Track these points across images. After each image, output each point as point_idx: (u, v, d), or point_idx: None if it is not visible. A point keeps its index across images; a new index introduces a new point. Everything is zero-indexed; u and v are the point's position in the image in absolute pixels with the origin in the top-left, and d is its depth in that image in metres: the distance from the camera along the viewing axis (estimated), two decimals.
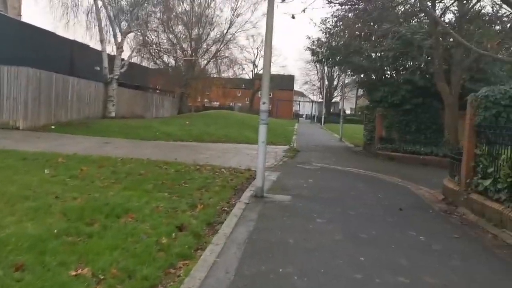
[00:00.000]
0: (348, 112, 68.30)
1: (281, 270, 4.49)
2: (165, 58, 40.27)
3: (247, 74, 66.14)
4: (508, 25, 15.91)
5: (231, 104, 66.59)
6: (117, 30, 27.56)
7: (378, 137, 19.10)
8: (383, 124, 19.05)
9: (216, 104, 62.48)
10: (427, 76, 17.82)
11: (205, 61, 42.25)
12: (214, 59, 41.89)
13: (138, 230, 5.38)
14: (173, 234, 5.42)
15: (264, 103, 8.37)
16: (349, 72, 23.99)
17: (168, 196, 7.53)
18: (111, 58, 26.58)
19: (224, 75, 45.67)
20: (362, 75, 21.86)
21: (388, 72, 20.41)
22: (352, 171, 13.30)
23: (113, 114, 25.91)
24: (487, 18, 17.47)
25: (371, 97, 20.68)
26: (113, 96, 26.21)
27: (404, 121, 18.19)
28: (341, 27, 19.63)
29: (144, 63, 37.92)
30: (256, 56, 63.93)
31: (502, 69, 17.34)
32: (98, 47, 26.65)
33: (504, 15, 16.96)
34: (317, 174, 12.13)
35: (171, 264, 4.53)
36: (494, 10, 17.33)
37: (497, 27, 17.58)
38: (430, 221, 7.41)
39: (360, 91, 52.47)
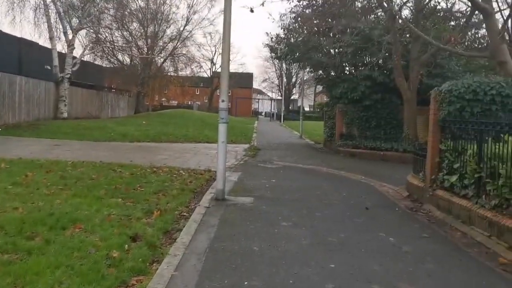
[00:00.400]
0: (307, 109, 68.72)
1: (246, 283, 4.07)
2: (120, 56, 39.21)
3: (205, 72, 65.37)
4: (463, 20, 16.17)
5: (189, 103, 65.54)
6: (68, 27, 26.38)
7: (338, 134, 19.01)
8: (344, 120, 18.98)
9: (174, 103, 61.31)
10: (385, 72, 17.85)
11: (162, 59, 41.40)
12: (171, 57, 41.11)
13: (86, 243, 4.83)
14: (126, 245, 4.91)
15: (223, 101, 7.92)
16: (308, 69, 23.87)
17: (121, 202, 6.98)
18: (62, 56, 25.37)
19: (181, 73, 44.96)
20: (321, 72, 21.75)
21: (347, 68, 20.36)
22: (314, 169, 13.06)
23: (65, 115, 24.75)
24: (441, 14, 17.75)
25: (330, 93, 20.58)
26: (65, 96, 25.04)
27: (364, 117, 18.16)
28: (300, 23, 19.46)
29: (98, 62, 36.67)
30: (214, 54, 63.23)
31: (458, 64, 17.60)
32: (47, 44, 25.43)
33: (459, 10, 17.29)
34: (280, 173, 11.80)
35: (122, 281, 4.03)
36: (448, 6, 17.65)
37: (452, 23, 17.91)
38: (398, 220, 7.19)
39: (319, 88, 52.97)
